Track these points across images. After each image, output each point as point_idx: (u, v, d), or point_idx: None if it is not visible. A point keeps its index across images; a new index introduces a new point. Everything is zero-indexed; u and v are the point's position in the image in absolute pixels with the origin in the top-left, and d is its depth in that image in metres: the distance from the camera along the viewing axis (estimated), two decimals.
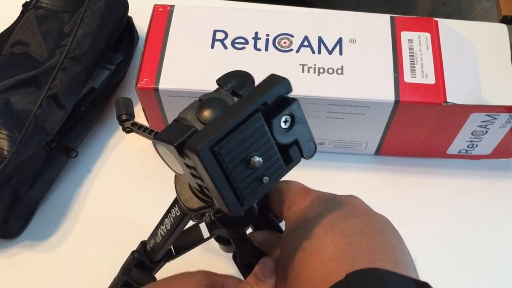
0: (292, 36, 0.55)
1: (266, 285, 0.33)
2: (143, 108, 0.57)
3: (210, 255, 0.53)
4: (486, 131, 0.53)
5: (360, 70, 0.52)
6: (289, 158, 0.28)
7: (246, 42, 0.55)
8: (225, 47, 0.55)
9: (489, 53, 0.65)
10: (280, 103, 0.27)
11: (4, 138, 0.52)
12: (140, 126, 0.42)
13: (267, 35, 0.55)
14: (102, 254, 0.55)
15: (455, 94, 0.51)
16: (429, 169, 0.59)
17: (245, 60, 0.54)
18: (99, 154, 0.61)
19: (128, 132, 0.43)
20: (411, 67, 0.52)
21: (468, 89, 0.53)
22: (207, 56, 0.54)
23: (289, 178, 0.37)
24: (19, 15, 0.64)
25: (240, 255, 0.37)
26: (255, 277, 0.34)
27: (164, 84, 0.53)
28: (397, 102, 0.51)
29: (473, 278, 0.52)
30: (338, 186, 0.37)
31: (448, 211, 0.56)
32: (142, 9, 0.61)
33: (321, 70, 0.53)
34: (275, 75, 0.28)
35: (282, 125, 0.28)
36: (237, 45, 0.55)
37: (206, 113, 0.29)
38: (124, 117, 0.43)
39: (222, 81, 0.32)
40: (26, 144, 0.52)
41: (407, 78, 0.52)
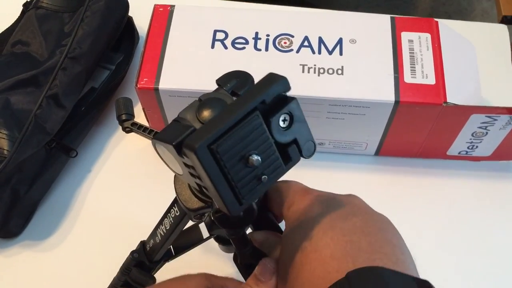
0: (292, 36, 0.55)
1: (266, 286, 0.33)
2: (143, 108, 0.57)
3: (210, 255, 0.53)
4: (486, 133, 0.53)
5: (360, 70, 0.52)
6: (288, 157, 0.28)
7: (246, 42, 0.55)
8: (225, 47, 0.55)
9: (490, 54, 0.65)
10: (279, 102, 0.27)
11: (4, 138, 0.52)
12: (140, 126, 0.42)
13: (267, 35, 0.55)
14: (102, 253, 0.55)
15: (455, 95, 0.51)
16: (429, 170, 0.59)
17: (245, 60, 0.54)
18: (99, 154, 0.61)
19: (128, 132, 0.43)
20: (411, 67, 0.52)
21: (468, 90, 0.53)
22: (207, 56, 0.54)
23: (289, 178, 0.37)
24: (19, 15, 0.64)
25: (240, 256, 0.37)
26: (255, 278, 0.34)
27: (164, 84, 0.53)
28: (397, 102, 0.51)
29: (473, 279, 0.52)
30: (338, 186, 0.37)
31: (448, 212, 0.56)
32: (143, 9, 0.61)
33: (321, 70, 0.53)
34: (273, 74, 0.28)
35: (281, 124, 0.28)
36: (237, 45, 0.55)
37: (206, 113, 0.29)
38: (124, 117, 0.43)
39: (221, 81, 0.32)
40: (26, 144, 0.52)
41: (407, 78, 0.52)
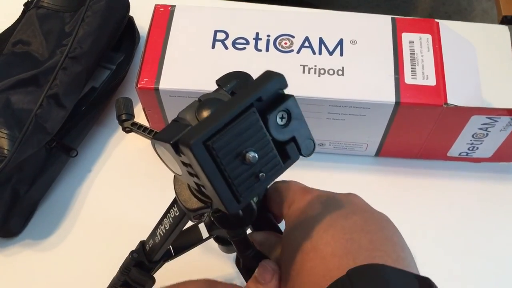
0: (293, 36, 0.55)
1: None
2: (144, 108, 0.57)
3: (209, 256, 0.53)
4: (487, 134, 0.53)
5: (360, 71, 0.52)
6: (286, 155, 0.28)
7: (247, 42, 0.55)
8: (226, 48, 0.55)
9: (490, 55, 0.65)
10: (276, 99, 0.27)
11: (4, 137, 0.52)
12: (139, 126, 0.42)
13: (268, 35, 0.55)
14: (102, 253, 0.55)
15: (455, 96, 0.51)
16: (430, 171, 0.59)
17: (246, 61, 0.54)
18: (99, 153, 0.61)
19: (127, 132, 0.43)
20: (412, 68, 0.52)
21: (469, 91, 0.53)
22: (207, 57, 0.54)
23: (288, 178, 0.37)
24: (20, 15, 0.64)
25: (243, 260, 0.36)
26: (255, 280, 0.33)
27: (165, 84, 0.53)
28: (397, 103, 0.50)
29: (473, 280, 0.52)
30: (338, 187, 0.37)
31: (448, 213, 0.56)
32: (143, 9, 0.61)
33: (322, 71, 0.52)
34: (270, 71, 0.28)
35: (279, 121, 0.27)
36: (238, 46, 0.55)
37: (205, 114, 0.29)
38: (124, 117, 0.43)
39: (221, 81, 0.32)
40: (27, 144, 0.52)
41: (408, 79, 0.52)
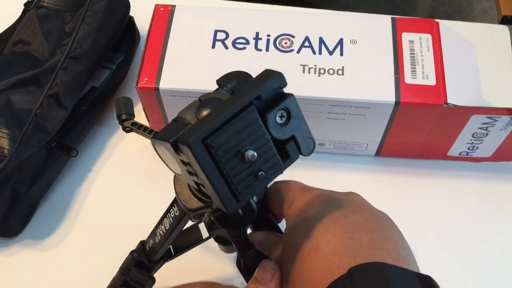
0: (293, 36, 0.55)
1: None
2: (144, 108, 0.57)
3: (209, 255, 0.53)
4: (487, 133, 0.53)
5: (360, 71, 0.52)
6: (286, 154, 0.28)
7: (247, 42, 0.55)
8: (226, 47, 0.55)
9: (490, 55, 0.65)
10: (275, 98, 0.27)
11: (4, 137, 0.52)
12: (140, 126, 0.42)
13: (268, 35, 0.55)
14: (102, 253, 0.55)
15: (455, 96, 0.51)
16: (430, 170, 0.59)
17: (246, 61, 0.54)
18: (99, 153, 0.61)
19: (128, 131, 0.43)
20: (411, 68, 0.52)
21: (469, 91, 0.53)
22: (208, 56, 0.54)
23: (289, 178, 0.37)
24: (20, 14, 0.64)
25: (244, 261, 0.36)
26: (255, 281, 0.33)
27: (165, 84, 0.53)
28: (397, 103, 0.50)
29: (473, 280, 0.52)
30: (338, 187, 0.37)
31: (448, 213, 0.56)
32: (144, 9, 0.61)
33: (322, 71, 0.52)
34: (269, 70, 0.28)
35: (278, 120, 0.27)
36: (238, 45, 0.55)
37: (205, 113, 0.29)
38: (124, 116, 0.43)
39: (222, 81, 0.32)
40: (27, 143, 0.52)
41: (408, 79, 0.52)
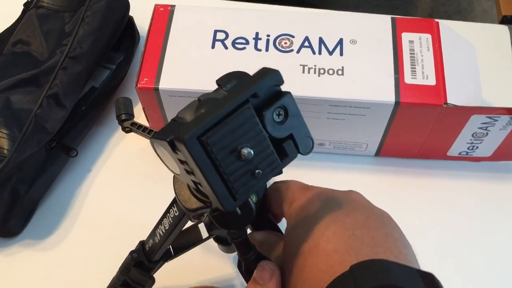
0: (292, 36, 0.55)
1: None
2: (143, 108, 0.57)
3: (209, 255, 0.53)
4: (487, 133, 0.53)
5: (360, 71, 0.52)
6: (284, 153, 0.28)
7: (247, 42, 0.55)
8: (226, 47, 0.55)
9: (490, 55, 0.65)
10: (272, 96, 0.27)
11: (4, 137, 0.52)
12: (139, 126, 0.42)
13: (268, 35, 0.55)
14: (101, 253, 0.55)
15: (455, 96, 0.51)
16: (430, 170, 0.59)
17: (246, 61, 0.53)
18: (99, 153, 0.61)
19: (127, 131, 0.43)
20: (411, 68, 0.52)
21: (468, 91, 0.53)
22: (207, 56, 0.54)
23: (288, 178, 0.37)
24: (20, 14, 0.64)
25: (244, 262, 0.36)
26: (254, 282, 0.33)
27: (164, 84, 0.53)
28: (397, 103, 0.50)
29: (473, 279, 0.52)
30: (338, 187, 0.37)
31: (448, 213, 0.56)
32: (143, 9, 0.61)
33: (322, 71, 0.52)
34: (266, 68, 0.28)
35: (275, 118, 0.27)
36: (237, 45, 0.55)
37: None
38: (123, 116, 0.43)
39: (221, 81, 0.32)
40: (26, 143, 0.52)
41: (408, 79, 0.52)
